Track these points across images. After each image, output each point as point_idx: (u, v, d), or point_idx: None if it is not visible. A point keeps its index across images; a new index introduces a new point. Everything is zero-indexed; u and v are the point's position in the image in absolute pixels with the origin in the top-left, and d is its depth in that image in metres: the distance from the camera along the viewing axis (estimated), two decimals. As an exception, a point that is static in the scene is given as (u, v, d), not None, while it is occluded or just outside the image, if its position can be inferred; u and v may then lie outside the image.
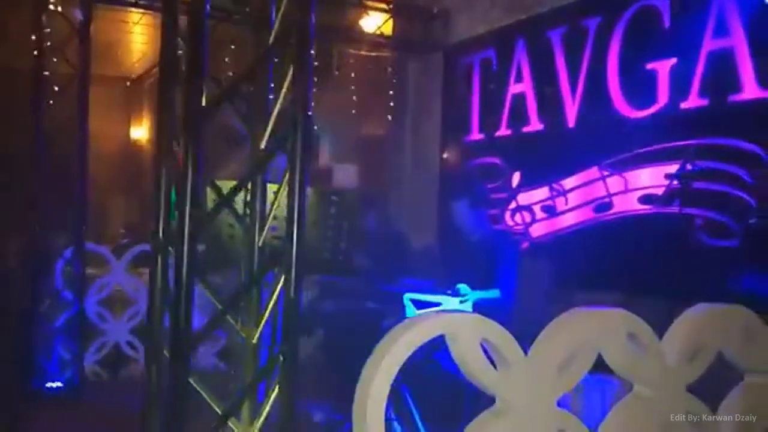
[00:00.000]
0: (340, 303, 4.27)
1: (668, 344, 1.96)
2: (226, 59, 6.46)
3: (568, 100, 4.77)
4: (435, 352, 2.61)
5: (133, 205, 10.14)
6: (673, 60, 4.04)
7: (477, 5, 5.73)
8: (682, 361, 1.95)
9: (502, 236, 4.21)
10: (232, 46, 6.35)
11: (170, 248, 1.89)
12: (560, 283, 4.58)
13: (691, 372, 1.97)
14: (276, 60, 2.27)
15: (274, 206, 2.10)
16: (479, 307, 3.51)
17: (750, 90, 3.66)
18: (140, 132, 10.92)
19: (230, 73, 6.24)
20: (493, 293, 3.65)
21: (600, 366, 1.89)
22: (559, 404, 1.78)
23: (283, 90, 2.09)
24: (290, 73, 1.99)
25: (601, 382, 2.76)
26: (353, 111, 7.20)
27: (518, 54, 5.22)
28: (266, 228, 2.13)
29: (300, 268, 1.77)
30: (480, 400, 1.78)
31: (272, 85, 2.34)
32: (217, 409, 1.92)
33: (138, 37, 8.69)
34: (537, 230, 5.06)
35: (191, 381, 1.84)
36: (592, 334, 1.79)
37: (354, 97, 7.17)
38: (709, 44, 3.86)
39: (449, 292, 3.50)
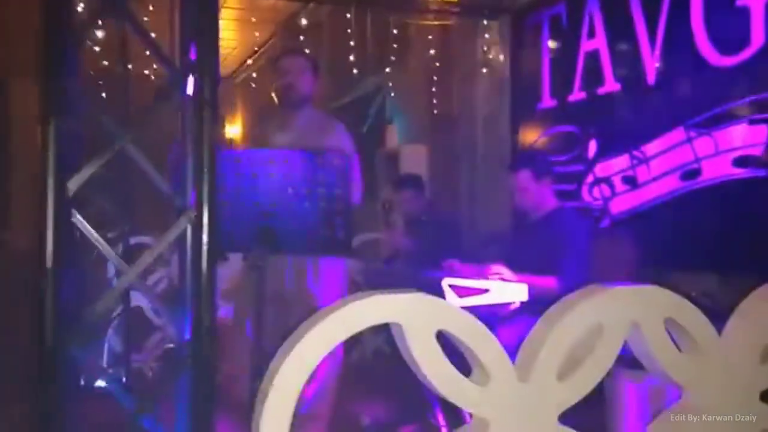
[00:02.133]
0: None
1: (731, 337, 1.42)
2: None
3: (646, 52, 4.12)
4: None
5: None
6: (769, -8, 3.36)
7: (545, -42, 5.13)
8: (752, 359, 1.40)
9: (570, 214, 3.63)
10: None
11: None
12: (645, 264, 3.94)
13: (766, 374, 1.42)
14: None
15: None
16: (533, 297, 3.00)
17: None
18: (235, 130, 10.85)
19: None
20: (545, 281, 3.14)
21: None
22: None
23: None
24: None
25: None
26: (420, 87, 6.73)
27: (590, 5, 4.59)
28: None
29: (213, 246, 1.34)
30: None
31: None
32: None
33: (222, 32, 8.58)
34: (617, 205, 4.43)
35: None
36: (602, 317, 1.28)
37: (420, 73, 6.71)
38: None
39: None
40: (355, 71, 7.14)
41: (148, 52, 1.42)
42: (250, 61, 10.73)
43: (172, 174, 1.78)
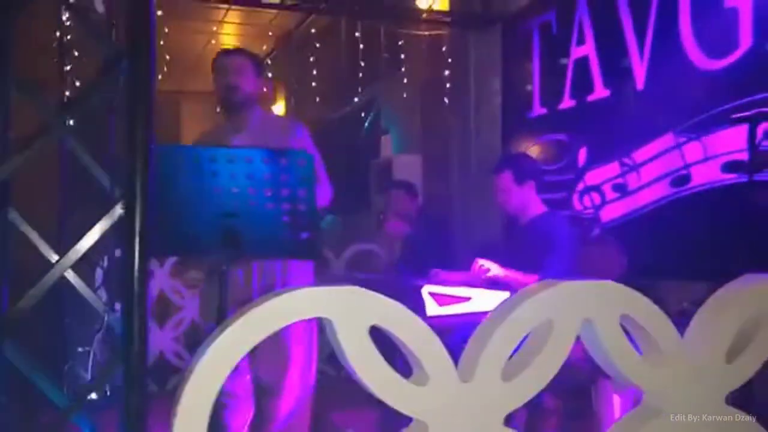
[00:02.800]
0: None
1: (695, 337, 1.34)
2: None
3: (635, 57, 4.06)
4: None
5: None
6: (757, -8, 3.30)
7: (535, -34, 5.09)
8: (717, 360, 1.32)
9: (557, 218, 3.56)
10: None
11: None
12: (635, 272, 3.86)
13: (732, 376, 1.33)
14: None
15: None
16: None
17: None
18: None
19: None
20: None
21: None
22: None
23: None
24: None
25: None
26: (414, 97, 6.68)
27: (579, 12, 4.54)
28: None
29: (144, 246, 1.27)
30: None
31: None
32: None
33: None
34: (608, 213, 4.35)
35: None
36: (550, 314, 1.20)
37: (414, 83, 6.66)
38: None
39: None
40: (349, 83, 7.11)
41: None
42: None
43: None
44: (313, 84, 8.90)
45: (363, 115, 8.19)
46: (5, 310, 1.36)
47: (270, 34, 9.40)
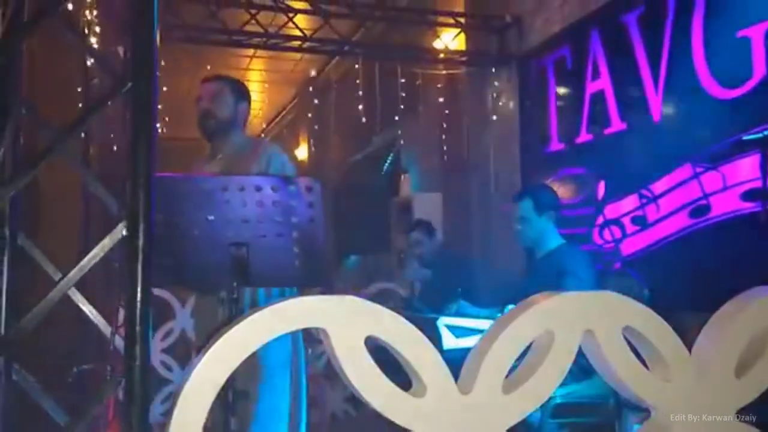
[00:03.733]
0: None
1: (703, 348, 1.31)
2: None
3: (650, 90, 4.06)
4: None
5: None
6: (768, 22, 3.30)
7: (548, 4, 5.14)
8: (726, 373, 1.29)
9: (575, 251, 3.53)
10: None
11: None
12: (656, 304, 3.79)
13: (743, 390, 1.30)
14: None
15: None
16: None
17: None
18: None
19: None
20: None
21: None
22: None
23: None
24: None
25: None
26: (432, 136, 6.73)
27: (593, 47, 4.56)
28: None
29: (146, 265, 1.28)
30: None
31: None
32: None
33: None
34: (628, 246, 4.30)
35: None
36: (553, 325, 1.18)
37: (432, 122, 6.72)
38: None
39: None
40: (369, 125, 7.19)
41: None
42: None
43: None
44: (334, 128, 9.03)
45: (383, 156, 8.26)
46: (10, 331, 1.37)
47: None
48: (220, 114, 2.92)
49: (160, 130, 7.76)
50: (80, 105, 4.94)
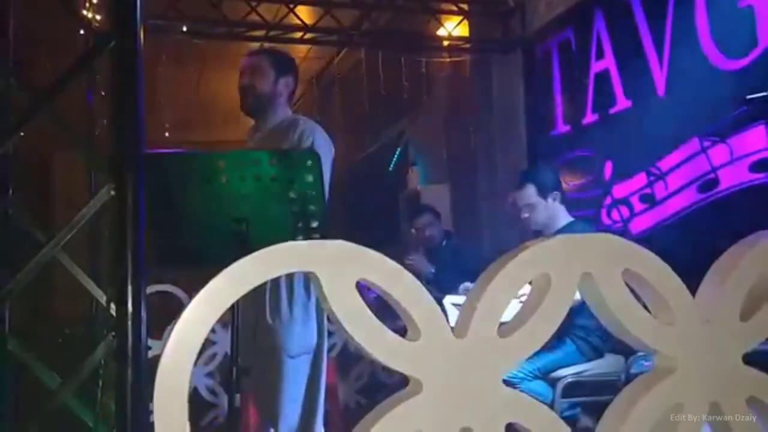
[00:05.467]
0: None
1: (707, 292, 1.28)
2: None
3: (655, 65, 4.01)
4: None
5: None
6: (772, -11, 3.25)
7: (551, -14, 5.11)
8: (731, 316, 1.25)
9: (583, 226, 3.48)
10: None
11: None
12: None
13: (749, 334, 1.26)
14: None
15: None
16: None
17: None
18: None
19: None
20: None
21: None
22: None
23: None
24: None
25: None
26: (438, 125, 6.70)
27: (597, 27, 4.52)
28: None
29: (137, 213, 1.26)
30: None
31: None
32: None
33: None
34: (637, 225, 4.26)
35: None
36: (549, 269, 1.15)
37: (437, 111, 6.69)
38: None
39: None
40: (375, 119, 7.17)
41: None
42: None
43: None
44: (340, 124, 9.02)
45: (391, 152, 8.24)
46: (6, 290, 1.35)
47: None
48: (260, 89, 2.75)
49: (165, 135, 7.74)
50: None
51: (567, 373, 3.19)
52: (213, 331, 5.29)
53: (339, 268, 1.08)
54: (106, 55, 1.26)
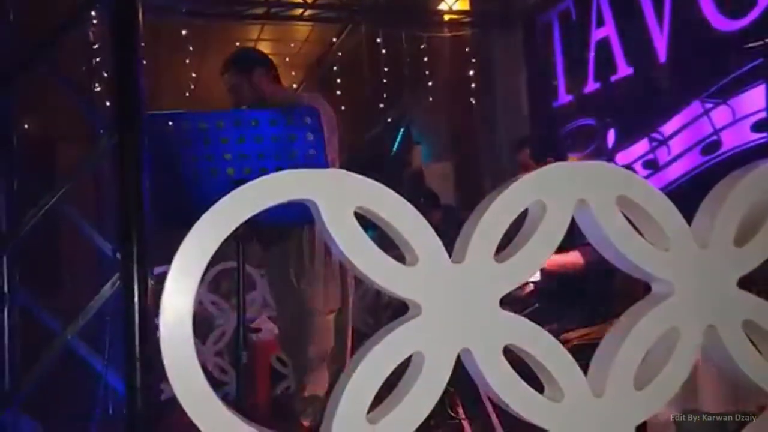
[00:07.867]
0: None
1: (702, 219, 1.29)
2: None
3: (655, 31, 4.01)
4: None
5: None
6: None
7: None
8: (725, 242, 1.27)
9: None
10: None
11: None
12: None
13: (743, 259, 1.28)
14: None
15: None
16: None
17: None
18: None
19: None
20: None
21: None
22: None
23: None
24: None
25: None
26: (440, 102, 6.69)
27: (597, -6, 4.52)
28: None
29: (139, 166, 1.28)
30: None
31: None
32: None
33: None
34: (641, 192, 4.24)
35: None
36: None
37: (439, 88, 6.68)
38: None
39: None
40: (376, 101, 7.17)
41: None
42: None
43: None
44: (343, 108, 9.00)
45: (393, 133, 8.22)
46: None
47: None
48: (245, 100, 2.84)
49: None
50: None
51: (572, 336, 3.20)
52: (220, 309, 5.33)
53: (338, 195, 1.09)
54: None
